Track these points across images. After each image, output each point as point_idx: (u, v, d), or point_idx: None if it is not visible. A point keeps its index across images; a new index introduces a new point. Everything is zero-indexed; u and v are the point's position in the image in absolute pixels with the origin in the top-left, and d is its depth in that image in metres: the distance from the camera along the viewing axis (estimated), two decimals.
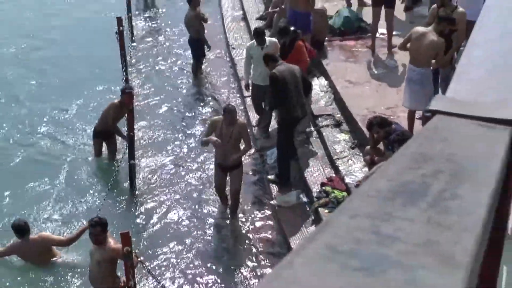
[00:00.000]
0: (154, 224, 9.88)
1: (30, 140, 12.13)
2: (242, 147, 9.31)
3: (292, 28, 10.95)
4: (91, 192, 10.62)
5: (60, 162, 11.27)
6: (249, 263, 9.07)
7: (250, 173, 10.30)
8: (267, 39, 11.05)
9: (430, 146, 0.99)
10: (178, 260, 9.13)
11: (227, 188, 9.78)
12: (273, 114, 10.72)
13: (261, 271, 8.79)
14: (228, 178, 9.63)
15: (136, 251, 7.75)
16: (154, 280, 8.31)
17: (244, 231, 9.66)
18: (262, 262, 9.00)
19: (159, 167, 11.10)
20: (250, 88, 11.40)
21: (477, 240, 0.71)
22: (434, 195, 0.79)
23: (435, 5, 10.46)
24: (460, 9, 9.93)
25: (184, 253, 9.28)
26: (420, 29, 9.37)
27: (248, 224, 9.71)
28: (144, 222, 9.93)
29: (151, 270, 8.25)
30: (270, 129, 11.08)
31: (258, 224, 9.64)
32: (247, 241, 9.46)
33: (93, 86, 13.64)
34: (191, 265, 9.06)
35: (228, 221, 9.84)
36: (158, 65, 14.63)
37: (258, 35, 10.99)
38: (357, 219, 0.70)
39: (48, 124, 12.56)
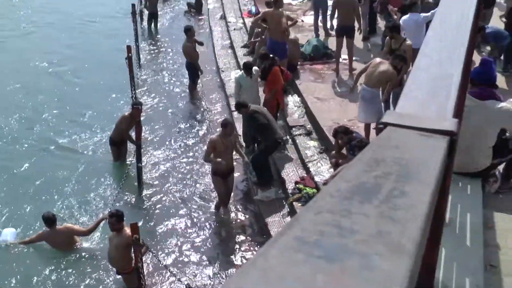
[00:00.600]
0: (158, 215, 9.94)
1: (53, 144, 12.14)
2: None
3: (270, 55, 10.98)
4: (106, 189, 10.66)
5: (79, 164, 11.30)
6: (237, 246, 9.12)
7: (237, 174, 10.24)
8: (253, 68, 10.89)
9: (382, 152, 0.98)
10: (179, 244, 9.18)
11: None
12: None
13: (245, 253, 8.85)
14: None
15: (143, 241, 7.78)
16: (158, 261, 8.34)
17: (233, 221, 9.68)
18: (247, 245, 9.06)
19: (162, 169, 11.12)
20: None
21: (421, 230, 0.70)
22: (385, 193, 0.78)
23: (385, 36, 10.55)
24: (408, 41, 9.99)
25: (184, 238, 9.34)
26: (378, 59, 9.41)
27: (237, 215, 9.75)
28: (150, 214, 9.98)
29: (156, 254, 8.28)
30: None
31: (245, 214, 9.64)
32: (235, 229, 9.50)
33: (107, 101, 13.64)
34: (190, 249, 9.10)
35: (221, 213, 9.84)
36: (160, 85, 14.64)
37: (246, 67, 10.81)
38: (321, 215, 0.70)
39: (69, 129, 12.64)
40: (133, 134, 11.02)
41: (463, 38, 1.81)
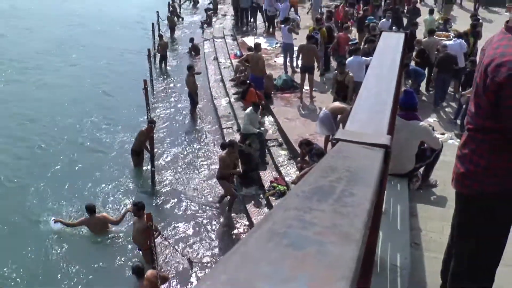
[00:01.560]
0: (168, 207, 9.96)
1: (89, 151, 12.18)
2: None
3: (247, 81, 11.38)
4: (129, 187, 10.70)
5: (109, 168, 11.37)
6: (226, 228, 9.19)
7: None
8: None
9: (335, 162, 0.97)
10: (184, 228, 9.20)
11: None
12: None
13: (233, 231, 9.01)
14: None
15: (156, 227, 7.79)
16: (167, 241, 8.37)
17: (226, 211, 9.63)
18: (233, 226, 9.16)
19: (170, 172, 11.12)
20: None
21: (364, 223, 0.68)
22: (337, 194, 0.76)
23: (335, 72, 10.66)
24: (350, 74, 10.07)
25: (188, 224, 9.33)
26: (337, 104, 9.44)
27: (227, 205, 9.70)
28: (161, 206, 9.97)
29: (166, 236, 8.32)
30: None
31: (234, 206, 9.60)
32: (227, 215, 9.50)
33: (129, 120, 13.60)
34: (194, 233, 9.11)
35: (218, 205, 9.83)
36: (169, 109, 14.62)
37: (255, 105, 10.49)
38: (288, 211, 0.68)
39: (97, 138, 12.81)
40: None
41: (394, 75, 1.81)
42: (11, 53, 19.82)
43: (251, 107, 10.40)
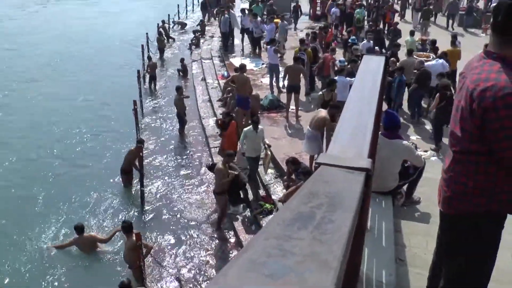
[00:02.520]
0: (157, 227, 9.84)
1: (77, 171, 12.03)
2: None
3: (231, 114, 11.32)
4: (117, 206, 10.58)
5: (99, 188, 11.23)
6: (215, 247, 9.09)
7: None
8: (259, 127, 9.89)
9: (316, 187, 0.97)
10: (175, 249, 9.09)
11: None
12: None
13: (222, 250, 8.94)
14: None
15: (146, 245, 7.72)
16: (157, 262, 8.30)
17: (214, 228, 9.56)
18: (222, 245, 9.09)
19: (160, 191, 11.03)
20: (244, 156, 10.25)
21: (343, 250, 0.68)
22: (317, 220, 0.77)
23: (320, 92, 10.74)
24: (335, 92, 10.13)
25: (179, 244, 9.25)
26: (319, 110, 9.50)
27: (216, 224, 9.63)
28: (150, 226, 9.87)
29: (156, 256, 8.24)
30: None
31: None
32: (216, 233, 9.42)
33: (119, 140, 13.51)
34: (182, 251, 9.02)
35: (207, 224, 9.75)
36: (158, 129, 14.56)
37: (255, 122, 9.79)
38: (269, 240, 0.68)
39: (90, 161, 12.59)
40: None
41: (374, 97, 1.83)
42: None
43: (251, 129, 9.77)
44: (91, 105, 16.48)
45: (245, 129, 9.87)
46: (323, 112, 9.28)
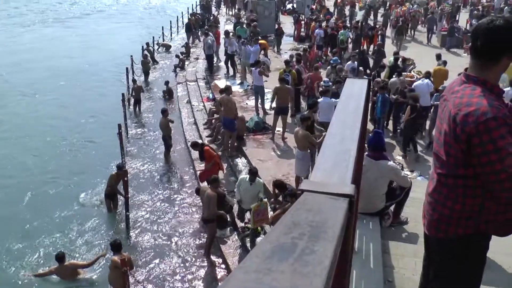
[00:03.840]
0: (141, 251, 9.74)
1: (59, 198, 11.84)
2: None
3: (199, 143, 11.20)
4: (101, 232, 10.51)
5: (83, 213, 11.16)
6: (202, 271, 9.03)
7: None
8: (257, 179, 8.98)
9: (299, 216, 0.97)
10: (161, 274, 9.01)
11: None
12: None
13: (209, 274, 8.89)
14: None
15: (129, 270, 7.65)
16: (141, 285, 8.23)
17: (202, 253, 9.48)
18: (209, 269, 9.03)
19: (146, 216, 10.95)
20: (239, 205, 9.49)
21: (324, 282, 0.68)
22: (298, 252, 0.77)
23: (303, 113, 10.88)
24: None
25: (165, 269, 9.17)
26: (296, 129, 9.55)
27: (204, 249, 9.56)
28: (135, 251, 9.76)
29: (142, 281, 8.15)
30: None
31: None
32: (204, 257, 9.34)
33: (104, 164, 13.38)
34: (170, 276, 8.95)
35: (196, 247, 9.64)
36: (143, 152, 14.48)
37: (252, 173, 8.95)
38: (248, 274, 0.67)
39: (75, 187, 12.43)
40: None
41: (357, 122, 1.85)
42: None
43: (246, 179, 8.85)
44: (75, 129, 16.38)
45: (241, 177, 9.14)
46: (300, 130, 9.36)
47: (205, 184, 10.33)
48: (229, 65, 19.69)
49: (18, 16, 41.29)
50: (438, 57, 14.89)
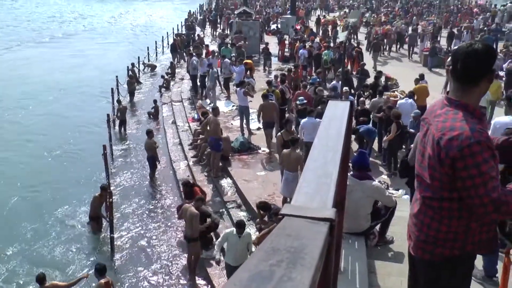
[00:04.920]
0: (128, 274, 9.65)
1: (43, 220, 11.68)
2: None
3: (190, 182, 10.95)
4: (85, 254, 10.39)
5: (68, 234, 11.07)
6: None
7: None
8: (245, 231, 8.11)
9: (278, 241, 0.98)
10: None
11: None
12: None
13: None
14: None
15: None
16: None
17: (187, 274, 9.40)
18: None
19: (131, 238, 10.85)
20: (222, 264, 8.51)
21: None
22: (276, 279, 0.77)
23: (279, 133, 10.97)
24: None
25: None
26: (287, 151, 9.53)
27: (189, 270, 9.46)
28: (120, 273, 9.67)
29: None
30: None
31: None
32: (189, 279, 9.26)
33: (89, 186, 13.19)
34: None
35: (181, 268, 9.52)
36: (128, 173, 14.38)
37: (240, 226, 8.02)
38: None
39: (55, 204, 12.37)
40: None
41: (339, 145, 1.87)
42: None
43: (233, 232, 8.09)
44: (59, 150, 16.28)
45: (227, 231, 8.38)
46: (292, 152, 9.36)
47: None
48: (199, 86, 19.83)
49: (5, 36, 41.22)
50: (421, 77, 15.11)
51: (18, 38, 40.54)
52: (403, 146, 11.87)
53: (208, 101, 18.14)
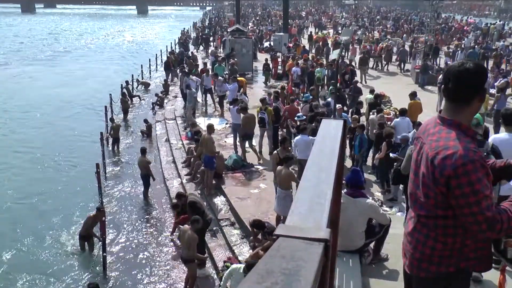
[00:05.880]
0: None
1: (34, 239, 11.56)
2: None
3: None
4: (78, 272, 10.29)
5: (56, 253, 10.97)
6: None
7: None
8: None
9: (272, 263, 0.98)
10: None
11: None
12: None
13: None
14: None
15: None
16: None
17: None
18: None
19: (123, 257, 10.75)
20: None
21: None
22: None
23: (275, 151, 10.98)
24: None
25: None
26: (279, 168, 9.54)
27: None
28: None
29: None
30: None
31: None
32: None
33: (80, 204, 13.16)
34: None
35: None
36: (121, 191, 14.30)
37: (248, 266, 7.21)
38: None
39: (48, 223, 12.31)
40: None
41: (333, 164, 1.87)
42: None
43: (240, 270, 7.53)
44: (52, 168, 16.22)
45: (233, 266, 8.05)
46: (283, 170, 9.33)
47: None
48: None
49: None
50: (414, 94, 15.24)
51: (12, 55, 40.64)
52: (395, 164, 11.94)
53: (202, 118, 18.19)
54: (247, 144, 13.88)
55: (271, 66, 25.36)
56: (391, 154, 10.84)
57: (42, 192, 14.28)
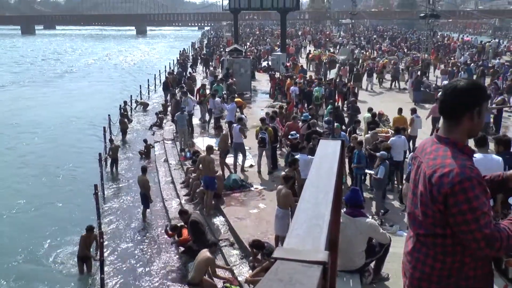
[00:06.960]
0: None
1: (31, 263, 11.53)
2: None
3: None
4: None
5: (52, 275, 10.92)
6: None
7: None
8: None
9: (270, 287, 0.97)
10: None
11: None
12: None
13: None
14: None
15: None
16: None
17: None
18: None
19: (122, 279, 10.64)
20: None
21: None
22: None
23: (283, 172, 10.95)
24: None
25: None
26: (279, 187, 9.54)
27: None
28: None
29: None
30: None
31: None
32: None
33: (78, 226, 12.97)
34: None
35: None
36: (120, 211, 14.23)
37: None
38: None
39: (45, 245, 12.21)
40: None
41: (331, 185, 1.87)
42: None
43: None
44: (50, 189, 16.17)
45: None
46: (283, 189, 9.33)
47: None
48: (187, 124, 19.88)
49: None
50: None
51: (13, 77, 40.90)
52: (390, 182, 12.03)
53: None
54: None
55: (270, 86, 25.49)
56: (366, 170, 10.99)
57: (41, 213, 14.24)
